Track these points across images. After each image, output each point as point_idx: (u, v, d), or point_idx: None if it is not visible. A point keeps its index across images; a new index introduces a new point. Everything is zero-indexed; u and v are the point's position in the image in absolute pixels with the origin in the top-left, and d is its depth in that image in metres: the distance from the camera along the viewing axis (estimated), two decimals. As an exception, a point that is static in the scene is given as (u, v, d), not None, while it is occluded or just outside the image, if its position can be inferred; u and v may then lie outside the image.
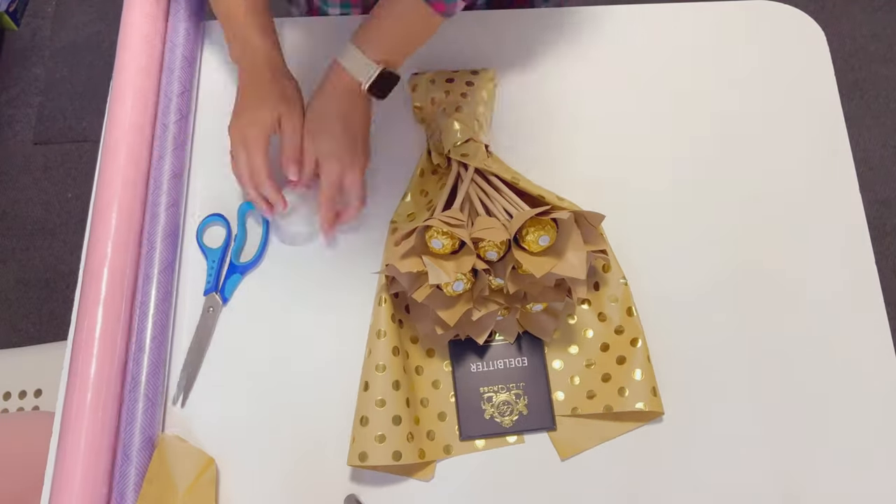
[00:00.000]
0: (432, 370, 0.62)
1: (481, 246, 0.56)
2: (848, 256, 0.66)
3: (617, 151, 0.69)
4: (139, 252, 0.63)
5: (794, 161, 0.69)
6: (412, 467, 0.59)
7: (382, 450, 0.56)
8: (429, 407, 0.61)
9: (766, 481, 0.59)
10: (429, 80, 0.68)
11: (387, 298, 0.60)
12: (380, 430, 0.56)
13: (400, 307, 0.62)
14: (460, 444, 0.60)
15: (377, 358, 0.58)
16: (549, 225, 0.55)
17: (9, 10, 1.57)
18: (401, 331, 0.61)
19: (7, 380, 0.94)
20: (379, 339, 0.59)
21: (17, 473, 0.79)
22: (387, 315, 0.59)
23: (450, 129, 0.63)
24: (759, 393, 0.61)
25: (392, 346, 0.59)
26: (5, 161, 1.52)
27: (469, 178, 0.60)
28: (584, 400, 0.61)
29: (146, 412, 0.58)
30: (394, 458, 0.56)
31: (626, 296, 0.63)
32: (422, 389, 0.61)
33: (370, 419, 0.57)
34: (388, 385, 0.57)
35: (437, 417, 0.61)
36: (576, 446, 0.60)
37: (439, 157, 0.65)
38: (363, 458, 0.56)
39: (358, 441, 0.57)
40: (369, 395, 0.57)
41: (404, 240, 0.56)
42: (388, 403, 0.57)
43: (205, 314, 0.63)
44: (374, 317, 0.60)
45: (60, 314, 1.42)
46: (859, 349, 0.62)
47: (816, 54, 0.73)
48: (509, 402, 0.61)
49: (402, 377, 0.58)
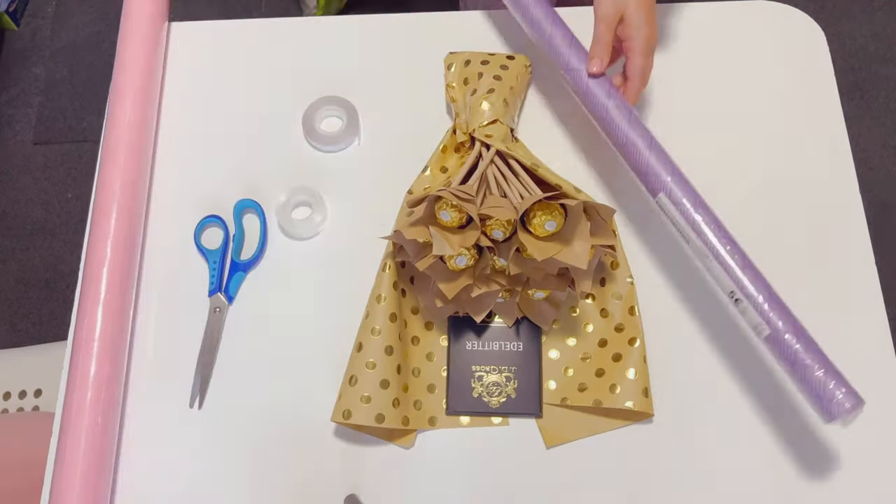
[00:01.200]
0: (428, 342, 0.63)
1: (488, 224, 0.56)
2: (848, 256, 0.66)
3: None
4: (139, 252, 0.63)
5: (794, 161, 0.69)
6: (393, 432, 0.60)
7: (366, 410, 0.57)
8: (420, 377, 0.62)
9: (764, 486, 0.59)
10: (464, 61, 0.69)
11: (391, 265, 0.61)
12: (366, 391, 0.57)
13: (405, 277, 0.63)
14: (445, 418, 0.61)
15: (373, 321, 0.59)
16: (557, 211, 0.55)
17: (9, 10, 1.57)
18: (402, 300, 0.62)
19: (7, 380, 0.94)
20: (378, 303, 0.60)
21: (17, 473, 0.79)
22: (389, 281, 0.60)
23: (478, 109, 0.64)
24: (759, 393, 0.61)
25: (390, 312, 0.59)
26: (5, 161, 1.52)
27: (489, 159, 0.61)
28: (575, 392, 0.61)
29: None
30: (376, 420, 0.57)
31: (631, 295, 0.63)
32: (415, 359, 0.62)
33: (358, 379, 0.58)
34: (380, 349, 0.58)
35: (427, 389, 0.62)
36: (562, 436, 0.60)
37: (464, 135, 0.65)
38: (347, 415, 0.57)
39: (343, 398, 0.58)
40: (361, 356, 0.58)
41: (416, 206, 0.57)
42: (377, 367, 0.58)
43: (212, 315, 0.64)
44: (377, 281, 0.61)
45: (60, 314, 1.42)
46: (859, 349, 0.62)
47: (816, 54, 0.73)
48: (499, 383, 0.61)
49: (397, 344, 0.59)
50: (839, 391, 0.50)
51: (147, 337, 0.64)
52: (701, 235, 0.55)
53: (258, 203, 0.67)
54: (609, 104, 0.60)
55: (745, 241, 0.66)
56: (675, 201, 0.56)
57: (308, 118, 0.69)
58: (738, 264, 0.54)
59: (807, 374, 0.50)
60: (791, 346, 0.51)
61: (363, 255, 0.65)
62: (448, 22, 0.75)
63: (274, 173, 0.69)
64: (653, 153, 0.58)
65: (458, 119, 0.66)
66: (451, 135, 0.67)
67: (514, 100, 0.67)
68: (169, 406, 0.61)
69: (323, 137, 0.69)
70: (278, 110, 0.71)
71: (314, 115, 0.70)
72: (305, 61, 0.73)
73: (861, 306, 0.64)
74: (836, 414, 0.49)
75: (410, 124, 0.71)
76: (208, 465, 0.60)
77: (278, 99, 0.72)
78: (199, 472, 0.60)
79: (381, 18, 0.76)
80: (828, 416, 0.50)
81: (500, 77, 0.66)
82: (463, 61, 0.69)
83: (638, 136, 0.59)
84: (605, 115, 0.60)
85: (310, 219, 0.66)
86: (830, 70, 0.72)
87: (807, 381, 0.50)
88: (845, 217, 0.67)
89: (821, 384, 0.50)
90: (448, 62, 0.70)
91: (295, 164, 0.69)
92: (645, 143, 0.58)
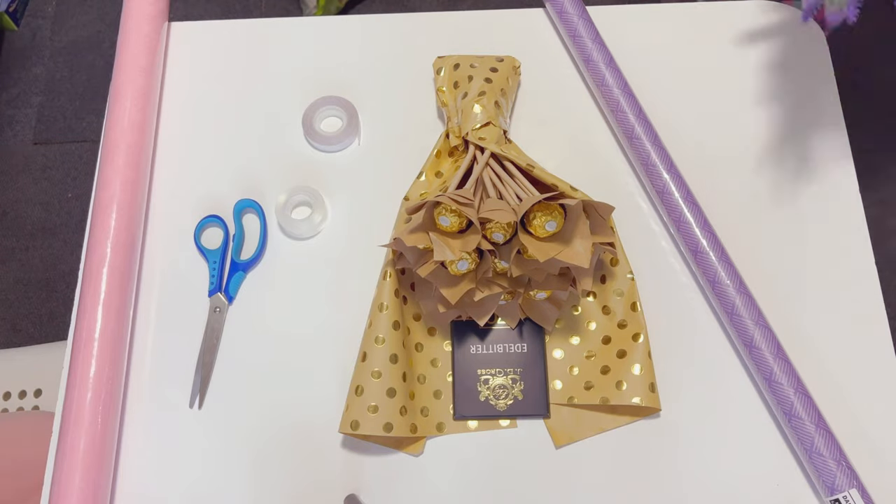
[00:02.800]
0: (432, 348, 0.63)
1: (488, 227, 0.56)
2: (848, 256, 0.66)
3: (621, 150, 0.70)
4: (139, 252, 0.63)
5: (794, 161, 0.69)
6: (402, 441, 0.60)
7: (374, 420, 0.56)
8: (426, 384, 0.62)
9: (765, 481, 0.59)
10: (453, 64, 0.69)
11: (391, 273, 0.60)
12: (373, 401, 0.57)
13: (405, 284, 0.63)
14: (453, 424, 0.61)
15: (377, 330, 0.59)
16: (556, 211, 0.55)
17: (9, 10, 1.57)
18: (404, 307, 0.62)
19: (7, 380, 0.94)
20: (381, 312, 0.59)
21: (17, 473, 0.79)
22: (390, 289, 0.60)
23: (470, 112, 0.64)
24: (758, 392, 0.61)
25: (393, 320, 0.59)
26: (5, 161, 1.52)
27: (484, 162, 0.61)
28: (582, 390, 0.61)
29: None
30: (385, 429, 0.56)
31: (632, 291, 0.63)
32: (420, 366, 0.62)
33: (365, 389, 0.57)
34: (385, 358, 0.58)
35: (433, 395, 0.61)
36: (570, 435, 0.60)
37: (457, 139, 0.65)
38: (355, 426, 0.57)
39: (351, 410, 0.57)
40: (366, 365, 0.58)
41: (415, 213, 0.57)
42: (383, 375, 0.57)
43: (212, 315, 0.64)
44: (378, 290, 0.61)
45: (60, 314, 1.42)
46: (859, 349, 0.63)
47: (816, 54, 0.73)
48: (505, 386, 0.61)
49: (401, 351, 0.59)
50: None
51: (147, 337, 0.64)
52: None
53: (258, 203, 0.67)
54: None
55: (744, 242, 0.66)
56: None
57: (308, 118, 0.69)
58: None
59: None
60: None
61: (363, 254, 0.66)
62: (448, 22, 0.75)
63: (274, 173, 0.69)
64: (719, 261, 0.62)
65: (450, 123, 0.66)
66: (444, 139, 0.67)
67: (506, 101, 0.67)
68: (169, 406, 0.62)
69: (323, 137, 0.69)
70: (278, 110, 0.72)
71: (314, 115, 0.70)
72: (305, 61, 0.74)
73: (861, 307, 0.64)
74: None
75: (410, 124, 0.71)
76: (208, 465, 0.60)
77: (278, 99, 0.72)
78: (199, 472, 0.60)
79: (381, 18, 0.76)
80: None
81: (490, 79, 0.66)
82: (452, 65, 0.69)
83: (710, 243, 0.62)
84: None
85: (310, 219, 0.66)
86: (830, 70, 0.73)
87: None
88: (845, 217, 0.67)
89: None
90: (437, 66, 0.70)
91: (295, 164, 0.69)
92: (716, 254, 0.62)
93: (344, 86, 0.72)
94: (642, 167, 0.65)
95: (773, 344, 0.59)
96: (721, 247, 0.62)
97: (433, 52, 0.72)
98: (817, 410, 0.57)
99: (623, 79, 0.68)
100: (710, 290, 0.61)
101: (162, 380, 0.62)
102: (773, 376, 0.58)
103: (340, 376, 0.62)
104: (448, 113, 0.67)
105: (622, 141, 0.67)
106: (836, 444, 0.56)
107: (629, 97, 0.67)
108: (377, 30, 0.75)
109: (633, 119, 0.66)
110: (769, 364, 0.58)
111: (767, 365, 0.58)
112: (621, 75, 0.68)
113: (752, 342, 0.59)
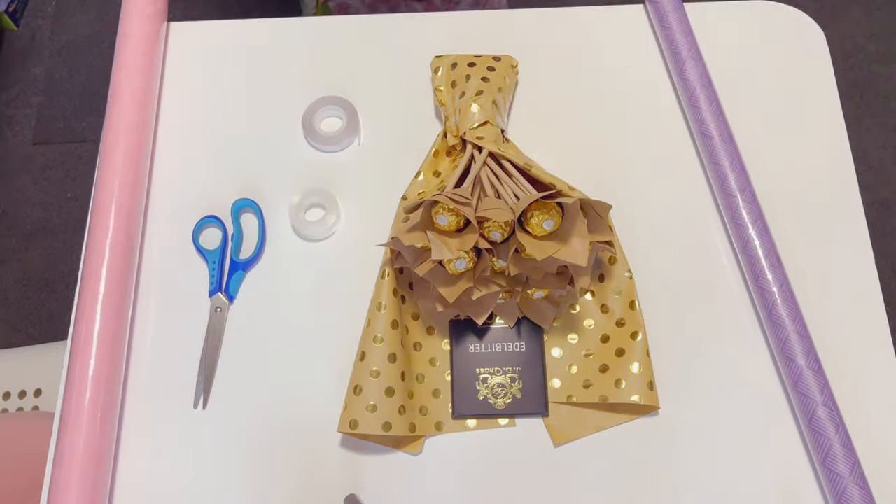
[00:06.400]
0: (431, 347, 0.63)
1: (486, 226, 0.56)
2: (848, 256, 0.66)
3: (623, 149, 0.70)
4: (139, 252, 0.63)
5: (794, 161, 0.69)
6: (401, 440, 0.60)
7: (373, 419, 0.56)
8: (424, 383, 0.62)
9: (765, 478, 0.59)
10: (451, 64, 0.69)
11: (390, 272, 0.61)
12: (372, 401, 0.57)
13: (404, 283, 0.63)
14: (452, 423, 0.61)
15: (375, 330, 0.59)
16: (554, 209, 0.56)
17: (9, 10, 1.57)
18: (402, 306, 0.62)
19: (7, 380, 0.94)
20: (379, 311, 0.59)
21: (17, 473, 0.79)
22: (388, 289, 0.60)
23: (467, 111, 0.64)
24: (758, 391, 0.61)
25: (391, 319, 0.59)
26: (5, 161, 1.52)
27: (482, 161, 0.61)
28: (580, 389, 0.61)
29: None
30: (383, 428, 0.56)
31: (630, 289, 0.63)
32: (419, 365, 0.62)
33: (363, 389, 0.57)
34: (383, 357, 0.58)
35: (432, 394, 0.61)
36: (569, 434, 0.60)
37: (455, 138, 0.65)
38: (353, 425, 0.57)
39: (349, 409, 0.57)
40: (364, 364, 0.58)
41: (412, 212, 0.57)
42: (382, 375, 0.57)
43: (213, 315, 0.64)
44: (376, 289, 0.61)
45: (60, 314, 1.42)
46: (859, 349, 0.63)
47: (816, 54, 0.73)
48: (504, 384, 0.61)
49: (399, 351, 0.59)
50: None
51: (147, 337, 0.64)
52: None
53: (255, 202, 0.67)
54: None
55: (744, 241, 0.66)
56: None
57: (308, 118, 0.69)
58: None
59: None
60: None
61: (363, 253, 0.66)
62: (447, 22, 0.75)
63: (274, 173, 0.69)
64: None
65: (447, 122, 0.67)
66: (441, 138, 0.67)
67: (503, 100, 0.67)
68: (168, 406, 0.61)
69: (323, 137, 0.69)
70: (278, 110, 0.71)
71: (314, 115, 0.70)
72: (305, 61, 0.74)
73: (861, 306, 0.64)
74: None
75: (411, 124, 0.71)
76: (208, 464, 0.60)
77: (278, 99, 0.72)
78: (199, 472, 0.60)
79: (381, 18, 0.76)
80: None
81: (487, 79, 0.66)
82: (449, 64, 0.69)
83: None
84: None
85: (323, 220, 0.66)
86: (830, 70, 0.73)
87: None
88: (845, 217, 0.67)
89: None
90: (434, 65, 0.70)
91: (295, 164, 0.69)
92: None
93: (344, 86, 0.72)
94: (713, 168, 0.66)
95: (811, 356, 0.59)
96: (771, 241, 0.62)
97: (433, 52, 0.72)
98: (843, 423, 0.57)
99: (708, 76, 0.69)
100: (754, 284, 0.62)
101: (162, 380, 0.62)
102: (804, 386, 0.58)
103: (340, 376, 0.62)
104: (446, 112, 0.67)
105: (696, 136, 0.68)
106: (853, 453, 0.56)
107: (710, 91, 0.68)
108: (377, 30, 0.75)
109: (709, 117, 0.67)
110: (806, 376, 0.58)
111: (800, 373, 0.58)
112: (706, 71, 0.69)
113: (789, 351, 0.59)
